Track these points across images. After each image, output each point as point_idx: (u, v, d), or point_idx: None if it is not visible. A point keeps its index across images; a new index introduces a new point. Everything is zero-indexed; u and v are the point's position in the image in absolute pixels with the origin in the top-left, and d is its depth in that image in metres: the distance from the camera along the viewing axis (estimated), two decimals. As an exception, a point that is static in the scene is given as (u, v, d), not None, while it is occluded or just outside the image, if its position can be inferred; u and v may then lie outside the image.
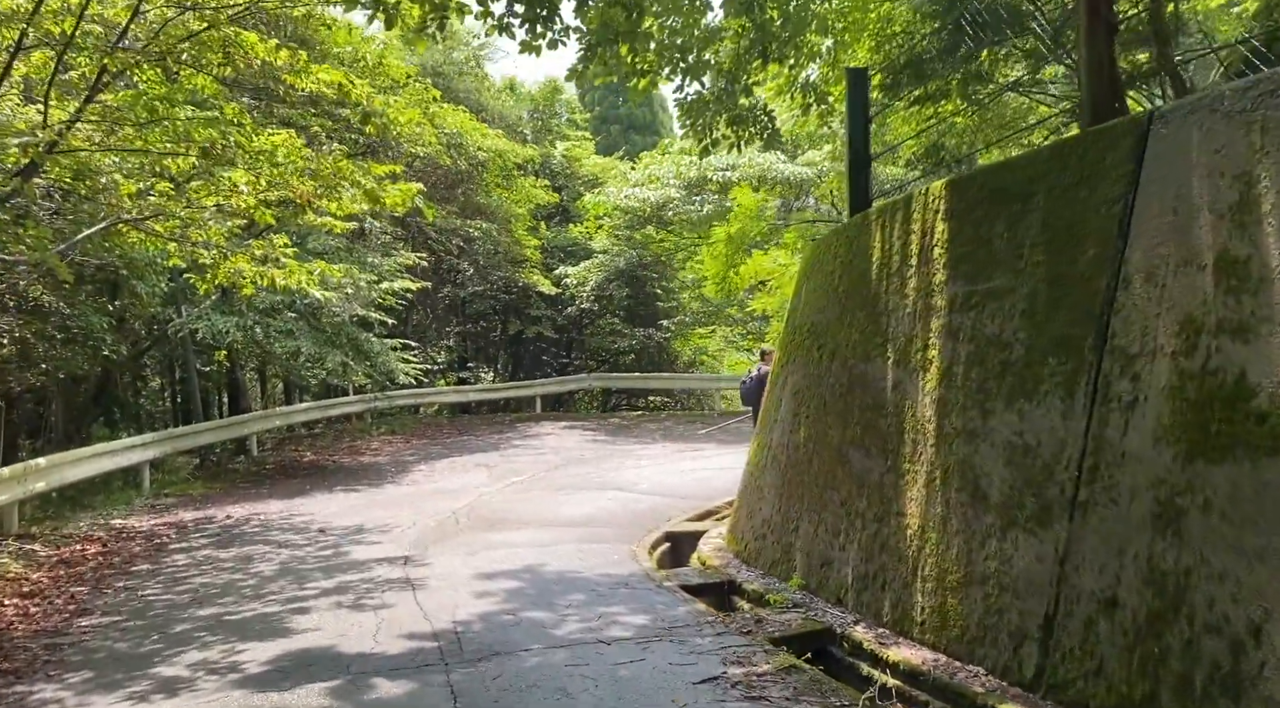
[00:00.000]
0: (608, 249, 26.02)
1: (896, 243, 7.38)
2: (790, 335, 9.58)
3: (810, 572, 7.67)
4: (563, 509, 12.59)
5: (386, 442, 21.90)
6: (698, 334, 29.57)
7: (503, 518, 11.98)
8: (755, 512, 9.12)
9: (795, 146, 23.80)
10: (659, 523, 11.70)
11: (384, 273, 18.28)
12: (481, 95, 26.22)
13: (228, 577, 9.32)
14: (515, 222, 25.67)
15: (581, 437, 21.92)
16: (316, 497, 14.63)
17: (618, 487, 14.47)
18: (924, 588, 6.21)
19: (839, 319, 8.17)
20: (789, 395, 8.99)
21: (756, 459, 9.56)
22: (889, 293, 7.36)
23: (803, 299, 9.43)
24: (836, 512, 7.47)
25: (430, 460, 18.61)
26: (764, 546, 8.65)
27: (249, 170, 11.53)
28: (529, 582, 8.45)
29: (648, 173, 24.03)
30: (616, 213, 24.74)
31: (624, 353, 29.94)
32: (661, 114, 48.48)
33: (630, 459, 17.79)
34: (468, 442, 21.50)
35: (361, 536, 11.20)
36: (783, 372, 9.50)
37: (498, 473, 16.46)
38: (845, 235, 8.51)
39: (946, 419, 6.30)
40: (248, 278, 12.62)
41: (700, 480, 15.00)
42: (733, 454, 18.12)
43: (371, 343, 17.53)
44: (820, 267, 9.01)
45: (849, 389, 7.69)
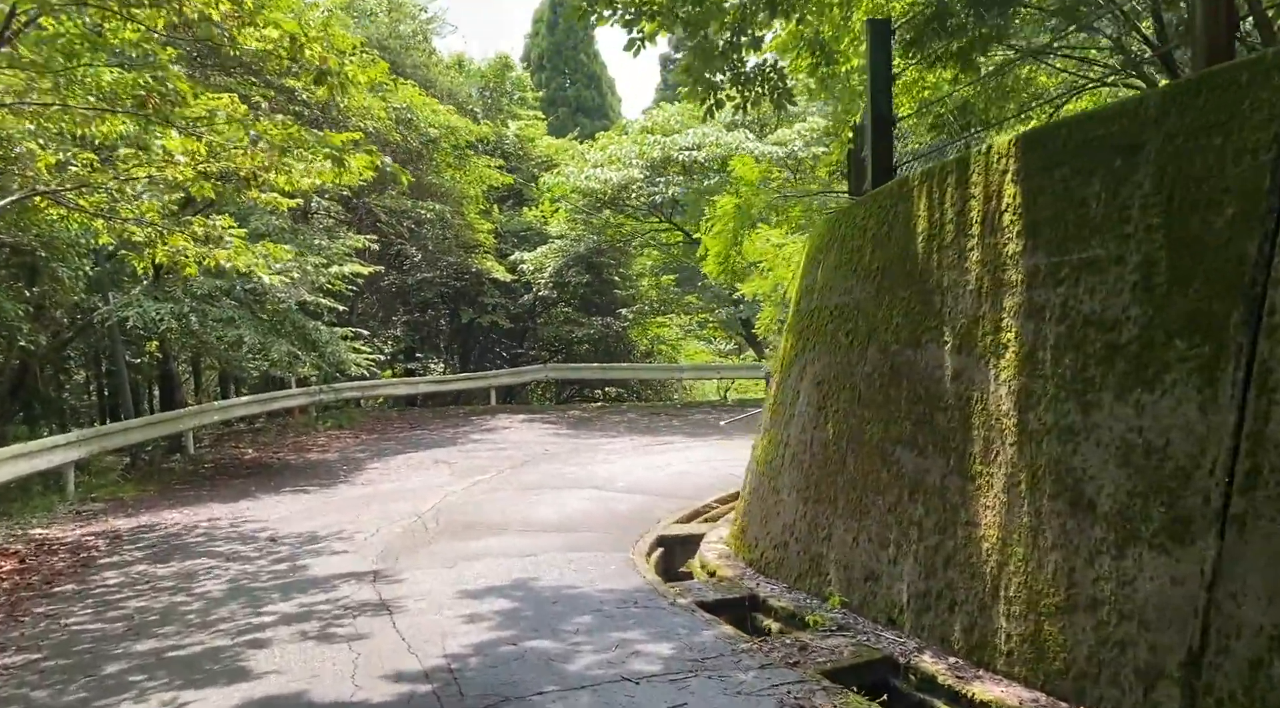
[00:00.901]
0: (565, 234, 24.86)
1: (949, 211, 6.45)
2: (804, 320, 8.63)
3: (850, 587, 6.72)
4: (539, 511, 11.52)
5: (334, 437, 20.57)
6: (656, 323, 28.57)
7: (475, 522, 10.87)
8: (771, 516, 8.17)
9: (762, 126, 22.93)
10: (647, 525, 10.71)
11: (333, 256, 16.95)
12: (429, 71, 24.86)
13: (168, 599, 8.10)
14: (467, 204, 24.39)
15: (542, 430, 20.82)
16: (264, 499, 13.35)
17: (593, 485, 13.43)
18: (1009, 611, 5.30)
19: (873, 300, 7.23)
20: (809, 387, 8.04)
21: (769, 457, 8.60)
22: (942, 268, 6.42)
23: (819, 279, 8.48)
24: (882, 519, 6.54)
25: (384, 457, 17.37)
26: (785, 555, 7.69)
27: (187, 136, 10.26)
28: (523, 601, 7.38)
29: (608, 153, 22.93)
30: (574, 195, 23.61)
31: (579, 343, 28.85)
32: (610, 98, 47.41)
33: (599, 454, 16.75)
34: (422, 437, 20.26)
35: (319, 545, 10.02)
36: (797, 360, 8.55)
37: (460, 471, 15.30)
38: (876, 206, 7.57)
39: (1031, 414, 5.38)
40: (189, 258, 11.33)
41: (678, 476, 14.05)
42: (705, 447, 17.21)
43: (320, 332, 16.22)
44: (843, 242, 8.05)
45: (892, 379, 6.75)
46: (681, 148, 21.23)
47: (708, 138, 21.12)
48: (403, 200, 21.98)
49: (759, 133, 21.99)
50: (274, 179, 11.17)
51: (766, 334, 11.94)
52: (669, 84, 48.87)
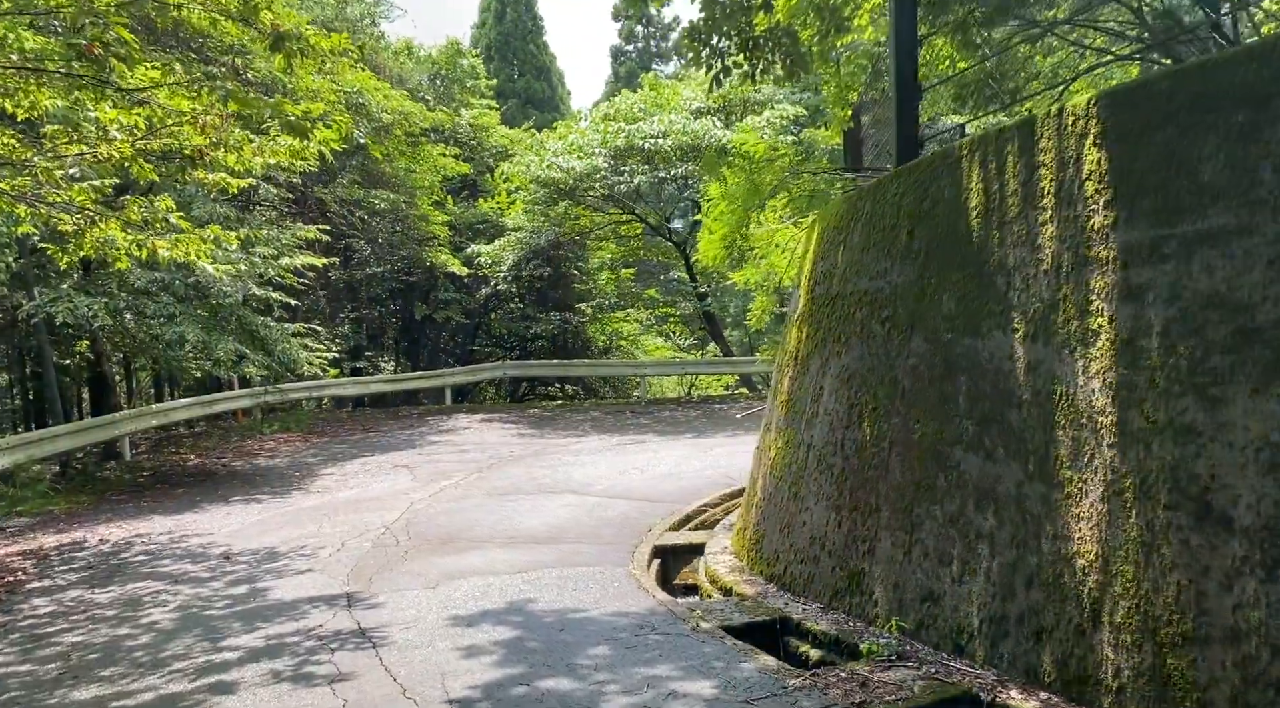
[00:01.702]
0: (522, 226, 23.87)
1: (1011, 182, 5.72)
2: (823, 309, 7.86)
3: (903, 608, 5.96)
4: (519, 521, 10.63)
5: (282, 440, 19.38)
6: (615, 318, 27.70)
7: (451, 535, 9.94)
8: (793, 526, 7.38)
9: (728, 114, 22.20)
10: (639, 534, 9.89)
11: (282, 247, 15.81)
12: (379, 55, 23.71)
13: (110, 632, 7.07)
14: (421, 195, 23.28)
15: (504, 431, 19.85)
16: (211, 511, 12.26)
17: (570, 490, 12.56)
18: (1116, 641, 4.57)
19: (916, 284, 6.48)
20: (835, 382, 7.27)
21: (786, 460, 7.82)
22: (1005, 246, 5.69)
23: (840, 263, 7.72)
24: (941, 531, 5.78)
25: (338, 462, 16.29)
26: (816, 570, 6.92)
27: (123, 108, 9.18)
28: (524, 628, 6.50)
29: (569, 142, 22.00)
30: (533, 186, 22.63)
31: (535, 339, 27.89)
32: (561, 90, 46.41)
33: (568, 456, 15.87)
34: (376, 439, 19.18)
35: (280, 563, 9.02)
36: (817, 353, 7.78)
37: (423, 476, 14.32)
38: (913, 180, 6.82)
39: (1135, 411, 4.66)
40: (122, 248, 10.21)
41: (661, 479, 13.23)
42: (680, 446, 16.42)
43: (270, 329, 15.08)
44: (870, 221, 7.30)
45: (946, 373, 6.01)
46: (647, 136, 20.41)
47: (674, 125, 20.34)
48: (354, 190, 20.84)
49: (725, 120, 21.28)
50: (223, 158, 10.12)
51: (759, 326, 11.18)
52: (620, 76, 48.07)
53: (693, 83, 23.67)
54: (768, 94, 21.98)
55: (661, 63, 47.40)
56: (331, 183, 20.67)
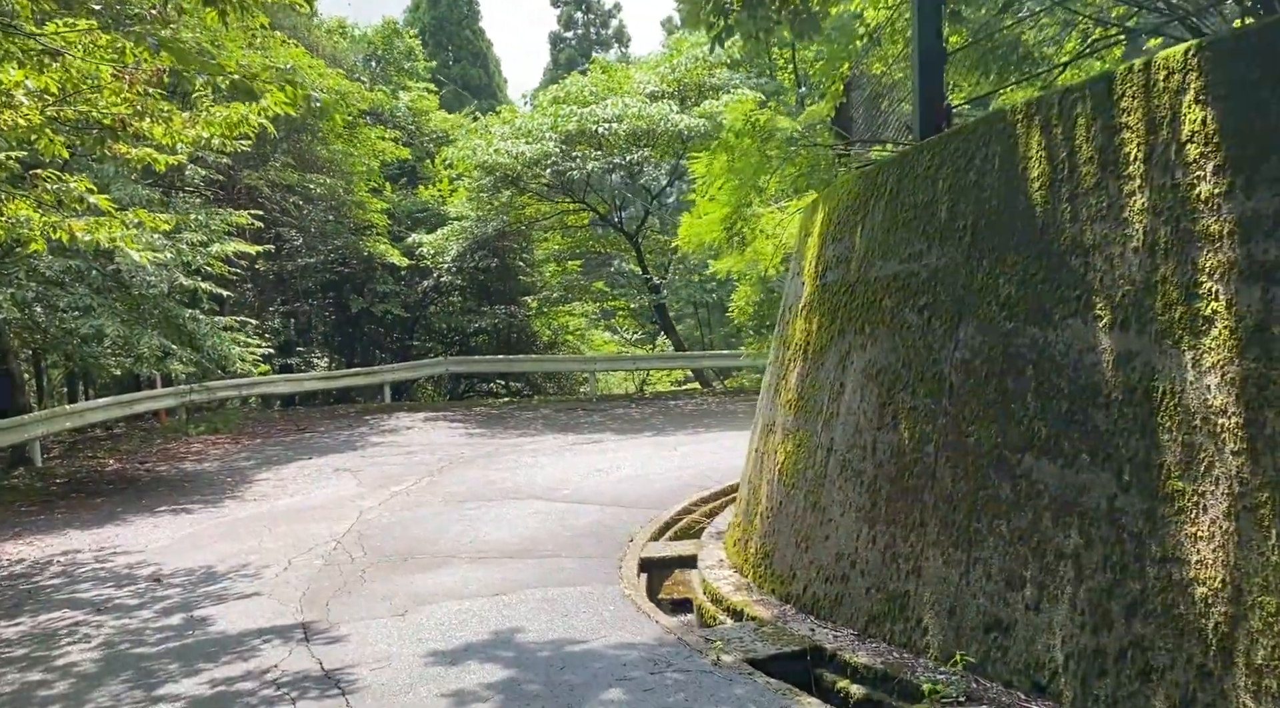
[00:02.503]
0: (466, 215, 22.75)
1: (1084, 147, 4.98)
2: (836, 297, 7.08)
3: (961, 638, 5.20)
4: (485, 531, 9.69)
5: (211, 443, 18.06)
6: (561, 312, 26.73)
7: (412, 549, 8.97)
8: (813, 540, 6.59)
9: (683, 98, 21.40)
10: (619, 544, 9.05)
11: (213, 234, 14.54)
12: (310, 34, 22.39)
13: (18, 678, 5.99)
14: (357, 181, 22.03)
15: (450, 430, 18.80)
16: (136, 523, 11.07)
17: (534, 495, 11.65)
18: (1258, 687, 3.85)
19: (961, 266, 5.72)
20: (860, 378, 6.50)
21: (800, 465, 7.02)
22: (1079, 221, 4.95)
23: (858, 245, 6.95)
24: (1008, 550, 5.03)
25: (274, 466, 15.11)
26: (845, 591, 6.13)
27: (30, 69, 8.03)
28: (518, 666, 5.60)
29: (517, 126, 20.96)
30: (477, 172, 21.55)
31: (477, 334, 26.78)
32: (498, 77, 45.22)
33: (525, 457, 14.93)
34: (313, 440, 17.98)
35: (220, 586, 7.96)
36: (832, 346, 7.00)
37: (369, 481, 13.26)
38: (949, 151, 6.06)
39: (1269, 411, 3.94)
40: (35, 229, 9.02)
41: (629, 481, 12.40)
42: (641, 446, 15.60)
43: (199, 322, 13.83)
44: (895, 198, 6.54)
45: (1008, 367, 5.26)
46: (600, 120, 19.49)
47: (629, 109, 19.45)
48: (288, 174, 19.55)
49: (681, 105, 20.46)
50: (149, 130, 9.00)
51: (743, 319, 10.41)
52: (559, 63, 47.00)
53: (645, 66, 22.85)
54: (724, 78, 21.24)
55: (601, 50, 46.43)
56: (263, 167, 19.34)
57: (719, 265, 10.24)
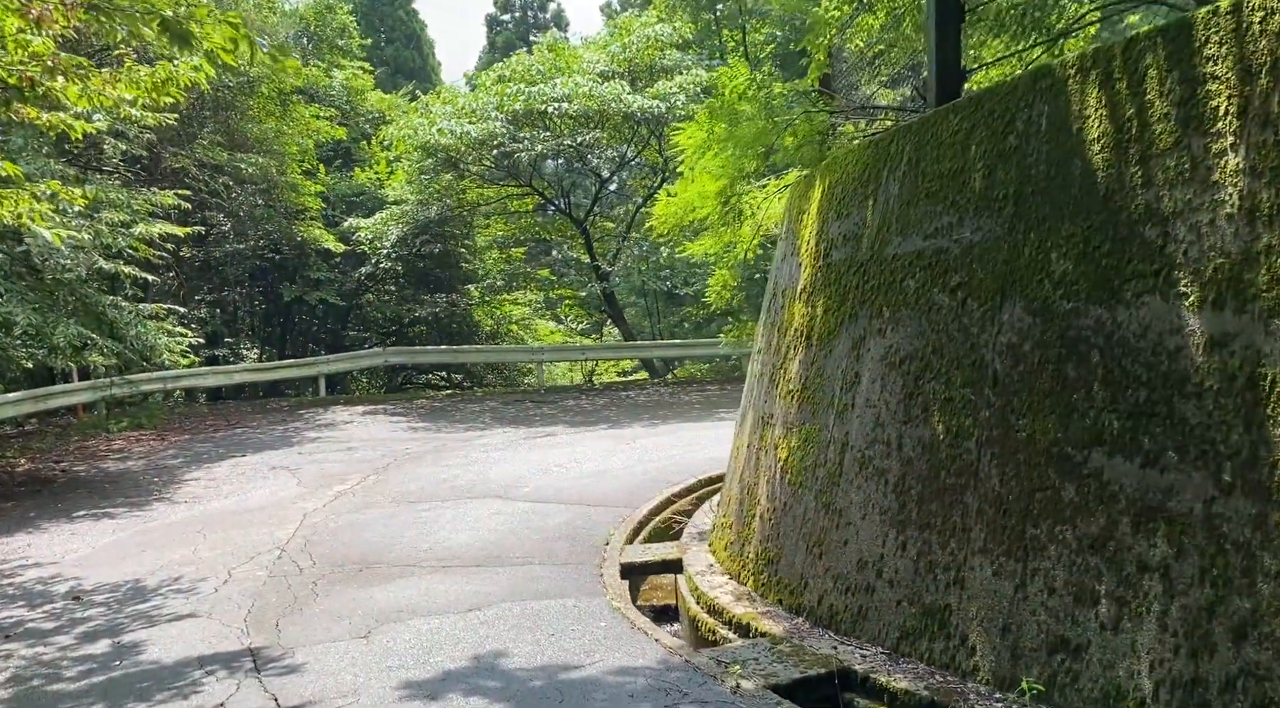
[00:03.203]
0: (404, 199, 21.71)
1: (1157, 104, 4.40)
2: (845, 277, 6.46)
3: (1019, 659, 4.60)
4: (445, 535, 8.91)
5: (134, 440, 16.87)
6: (506, 301, 25.81)
7: (367, 557, 8.15)
8: (828, 545, 5.96)
9: (634, 78, 20.67)
10: (595, 549, 8.35)
11: (137, 214, 13.39)
12: (239, 4, 21.09)
13: (-88, 725, 5.08)
14: (290, 162, 20.86)
15: (393, 425, 17.86)
16: (51, 530, 10.04)
17: (492, 493, 10.88)
18: (1405, 718, 3.30)
19: (1003, 240, 5.12)
20: (879, 367, 5.87)
21: (808, 463, 6.38)
22: (1154, 186, 4.37)
23: (869, 220, 6.33)
24: (1074, 560, 4.44)
25: (204, 464, 14.07)
26: (870, 603, 5.50)
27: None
28: (508, 699, 4.86)
29: (461, 105, 19.99)
30: (417, 153, 20.54)
31: (416, 324, 25.77)
32: (432, 59, 43.96)
33: (476, 452, 14.12)
34: (246, 437, 16.90)
35: (150, 603, 7.07)
36: (842, 332, 6.37)
37: (310, 480, 12.34)
38: (981, 113, 5.46)
39: None
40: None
41: (591, 478, 11.71)
42: (599, 438, 14.89)
43: (120, 310, 12.71)
44: (914, 168, 5.92)
45: (1066, 352, 4.66)
46: (550, 99, 18.65)
47: (580, 88, 18.64)
48: (216, 152, 18.34)
49: (632, 85, 19.69)
50: (62, 90, 8.00)
51: (719, 304, 9.75)
52: (496, 46, 45.87)
53: (594, 46, 22.03)
54: (675, 60, 20.56)
55: (539, 34, 45.36)
56: (190, 145, 18.11)
57: (694, 248, 9.57)
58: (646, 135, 20.98)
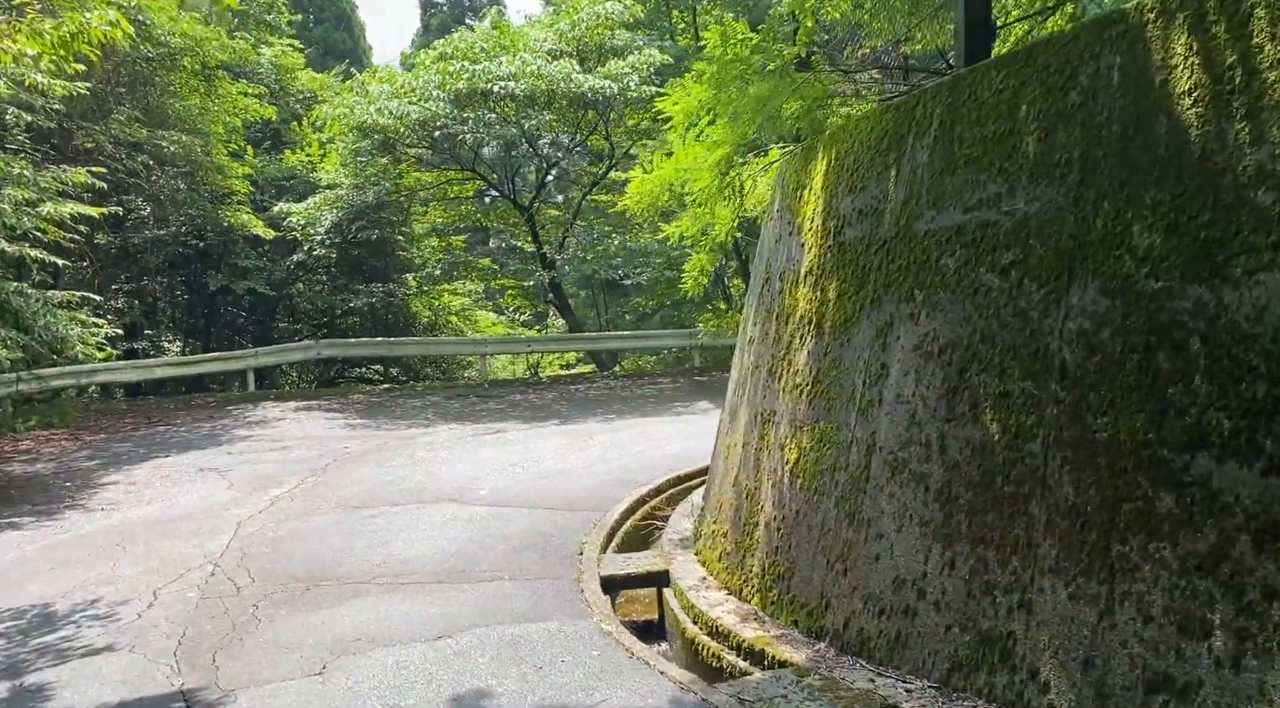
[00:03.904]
0: (338, 182, 20.55)
1: (1267, 50, 3.78)
2: (863, 257, 5.77)
3: (1107, 699, 3.94)
4: (398, 546, 8.04)
5: (44, 440, 15.56)
6: (445, 291, 24.75)
7: (313, 572, 7.25)
8: (856, 560, 5.26)
9: (583, 59, 19.82)
10: (568, 560, 7.59)
11: (45, 192, 12.15)
12: (159, -26, 19.71)
13: None
14: (215, 143, 19.56)
15: (329, 421, 16.79)
16: (-54, 546, 8.90)
17: (446, 496, 10.02)
18: None
19: (1070, 212, 4.47)
20: (912, 357, 5.19)
21: (826, 466, 5.67)
22: (1271, 143, 3.74)
23: (892, 194, 5.64)
24: (1180, 584, 3.79)
25: (124, 466, 12.93)
26: (910, 628, 4.82)
27: None
28: (503, 756, 4.07)
29: (400, 84, 18.92)
30: (353, 134, 19.42)
31: (349, 315, 24.60)
32: (363, 42, 42.52)
33: (422, 451, 13.20)
34: (169, 435, 15.71)
35: (61, 633, 6.09)
36: (864, 318, 5.67)
37: (243, 483, 11.32)
38: (1033, 68, 4.80)
39: None
40: None
41: (550, 478, 10.92)
42: (553, 436, 14.06)
43: (26, 297, 11.50)
44: (948, 133, 5.25)
45: (1157, 339, 4.02)
46: (495, 78, 17.71)
47: (528, 66, 17.72)
48: (136, 129, 17.02)
49: (581, 65, 18.83)
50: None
51: (697, 292, 9.04)
52: (430, 29, 44.51)
53: (541, 24, 21.10)
54: (626, 40, 19.74)
55: (475, 16, 44.15)
56: (105, 120, 16.76)
57: (670, 229, 8.83)
58: (595, 120, 20.15)
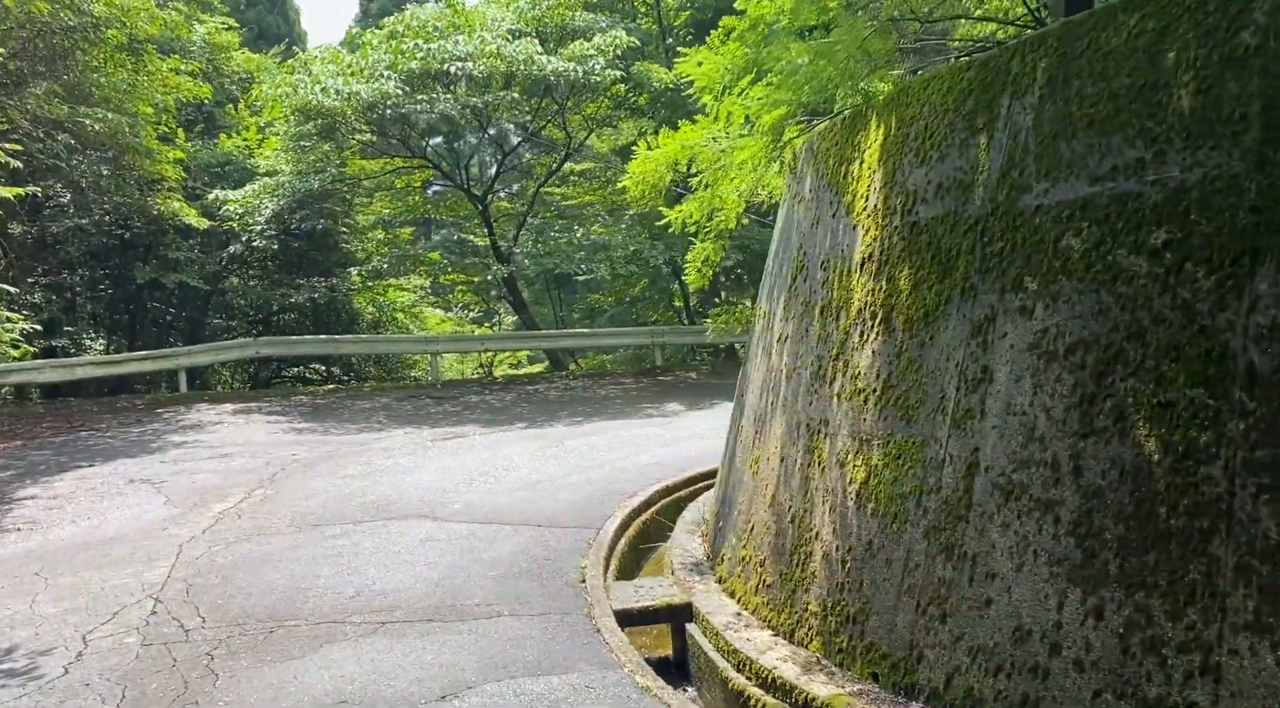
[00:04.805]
0: (278, 169, 19.20)
1: None
2: (945, 240, 4.90)
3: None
4: (373, 574, 6.99)
5: (-49, 447, 14.08)
6: (391, 287, 23.47)
7: (277, 610, 6.17)
8: (957, 603, 4.38)
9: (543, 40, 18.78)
10: (569, 587, 6.64)
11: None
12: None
13: None
14: (144, 125, 18.08)
15: (271, 426, 15.55)
16: None
17: (417, 512, 8.98)
18: None
19: (1249, 180, 3.63)
20: (1025, 358, 4.32)
21: (909, 489, 4.78)
22: None
23: (984, 163, 4.78)
24: None
25: (42, 478, 11.60)
26: (1042, 692, 3.94)
27: None
28: None
29: (348, 63, 17.67)
30: (296, 117, 18.12)
31: (286, 311, 23.22)
32: (298, 27, 40.84)
33: (379, 458, 12.10)
34: (94, 442, 14.33)
35: (-34, 702, 4.95)
36: (950, 310, 4.80)
37: (181, 497, 10.13)
38: (1181, 8, 3.96)
39: None
40: None
41: (527, 489, 9.96)
42: (520, 441, 13.06)
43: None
44: (1062, 88, 4.40)
45: (1388, 336, 3.21)
46: (451, 58, 16.57)
47: (487, 45, 16.62)
48: (55, 106, 15.54)
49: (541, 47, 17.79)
50: None
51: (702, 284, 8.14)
52: (369, 14, 42.92)
53: (498, 3, 19.98)
54: (587, 21, 18.75)
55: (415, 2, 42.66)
56: (19, 94, 15.25)
57: (672, 214, 7.91)
58: (552, 107, 19.12)
